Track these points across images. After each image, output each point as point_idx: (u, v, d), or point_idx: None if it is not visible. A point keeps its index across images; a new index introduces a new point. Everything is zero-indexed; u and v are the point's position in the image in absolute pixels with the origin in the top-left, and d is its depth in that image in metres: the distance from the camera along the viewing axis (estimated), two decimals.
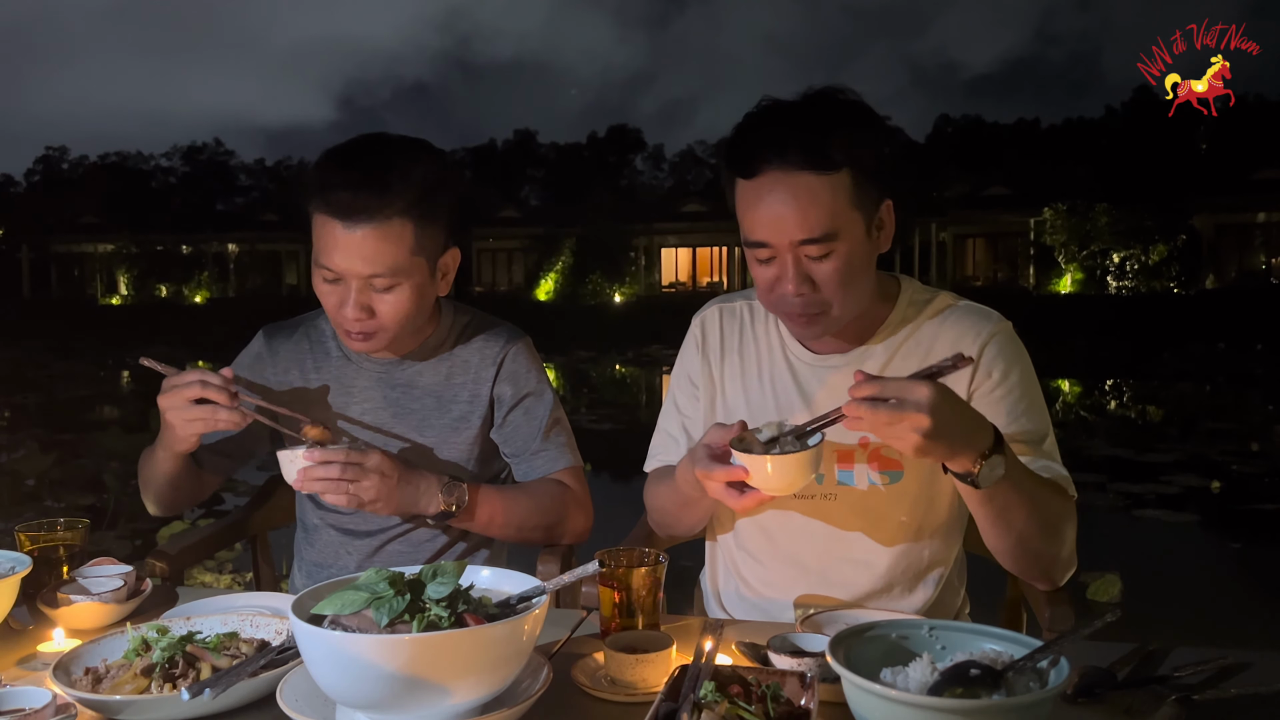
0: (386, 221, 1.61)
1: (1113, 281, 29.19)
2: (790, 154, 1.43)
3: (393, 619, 1.03)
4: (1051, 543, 1.46)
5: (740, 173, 1.49)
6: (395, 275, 1.64)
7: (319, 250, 1.66)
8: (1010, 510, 1.38)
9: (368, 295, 1.66)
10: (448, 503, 1.69)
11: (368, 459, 1.59)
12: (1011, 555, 1.48)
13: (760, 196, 1.47)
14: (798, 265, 1.47)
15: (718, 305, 1.79)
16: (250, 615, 1.32)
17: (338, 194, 1.60)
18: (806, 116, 1.48)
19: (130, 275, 39.05)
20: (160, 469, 1.76)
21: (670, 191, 52.27)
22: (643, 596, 1.33)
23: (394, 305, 1.67)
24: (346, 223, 1.60)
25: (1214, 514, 7.20)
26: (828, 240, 1.45)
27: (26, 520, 1.57)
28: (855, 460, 1.61)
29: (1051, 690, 0.96)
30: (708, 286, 36.10)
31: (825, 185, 1.44)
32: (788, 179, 1.44)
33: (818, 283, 1.48)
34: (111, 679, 1.16)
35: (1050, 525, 1.44)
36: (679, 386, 1.79)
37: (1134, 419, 12.83)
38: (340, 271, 1.64)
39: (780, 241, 1.47)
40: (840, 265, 1.47)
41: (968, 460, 1.29)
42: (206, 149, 68.28)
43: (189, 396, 1.59)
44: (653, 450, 1.81)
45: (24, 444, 9.13)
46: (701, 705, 1.00)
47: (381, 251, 1.62)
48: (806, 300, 1.49)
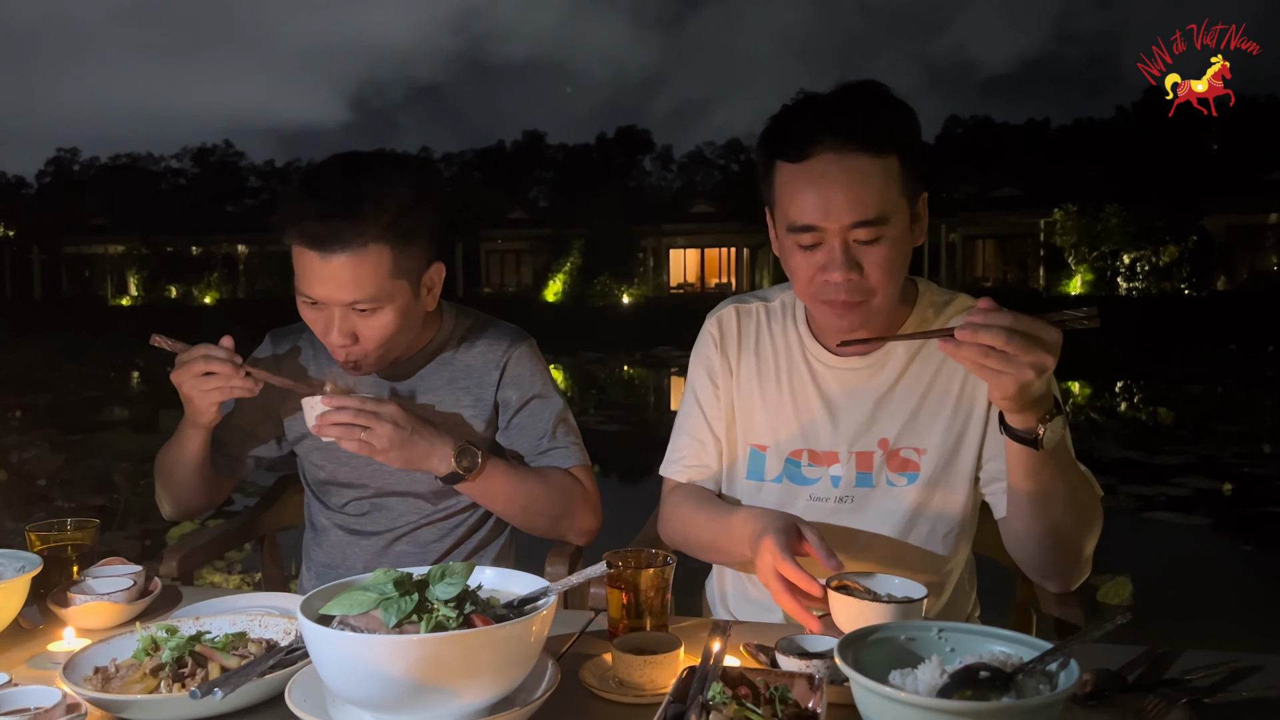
0: (363, 249, 1.59)
1: (1123, 283, 29.10)
2: (845, 135, 1.43)
3: (401, 620, 1.03)
4: (1082, 534, 1.44)
5: (789, 157, 1.48)
6: (376, 300, 1.63)
7: (299, 279, 1.66)
8: (1053, 490, 1.36)
9: (350, 321, 1.65)
10: (459, 464, 1.68)
11: (383, 407, 1.61)
12: (1040, 546, 1.45)
13: (811, 179, 1.45)
14: (846, 250, 1.46)
15: (733, 305, 1.77)
16: (259, 615, 1.32)
17: (311, 225, 1.59)
18: (856, 101, 1.48)
19: (140, 276, 39.25)
20: (183, 456, 1.77)
21: (679, 193, 52.27)
22: (651, 598, 1.33)
23: (378, 329, 1.66)
24: (323, 253, 1.59)
25: (1225, 516, 7.17)
26: (879, 224, 1.44)
27: (37, 520, 1.58)
28: (874, 463, 1.61)
29: (1061, 693, 0.95)
30: (716, 288, 36.12)
31: (878, 168, 1.44)
32: (841, 161, 1.43)
33: (865, 269, 1.47)
34: (121, 678, 1.16)
35: (1084, 515, 1.43)
36: (700, 385, 1.75)
37: (1145, 421, 12.78)
38: (320, 298, 1.64)
39: (831, 225, 1.45)
40: (888, 251, 1.47)
41: (1034, 416, 1.27)
42: (217, 150, 68.66)
43: (197, 371, 1.63)
44: (675, 454, 1.77)
45: (35, 444, 9.18)
46: (709, 707, 1.00)
47: (360, 279, 1.60)
48: (853, 286, 1.47)
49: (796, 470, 1.65)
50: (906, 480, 1.60)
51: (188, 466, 1.79)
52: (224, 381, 1.64)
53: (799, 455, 1.65)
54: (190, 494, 1.84)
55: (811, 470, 1.64)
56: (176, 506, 1.87)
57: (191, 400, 1.68)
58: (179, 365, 1.66)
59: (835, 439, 1.63)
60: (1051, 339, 1.20)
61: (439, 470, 1.69)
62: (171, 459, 1.81)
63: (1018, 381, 1.20)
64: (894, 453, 1.60)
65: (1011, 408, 1.28)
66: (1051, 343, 1.20)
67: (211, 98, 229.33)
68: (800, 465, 1.65)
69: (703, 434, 1.74)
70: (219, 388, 1.64)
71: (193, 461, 1.78)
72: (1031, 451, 1.31)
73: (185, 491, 1.84)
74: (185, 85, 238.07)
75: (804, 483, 1.65)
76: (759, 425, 1.69)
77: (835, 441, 1.63)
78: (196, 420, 1.72)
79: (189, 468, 1.79)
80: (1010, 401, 1.25)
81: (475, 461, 1.70)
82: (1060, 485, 1.37)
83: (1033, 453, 1.31)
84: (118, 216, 43.64)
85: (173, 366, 1.68)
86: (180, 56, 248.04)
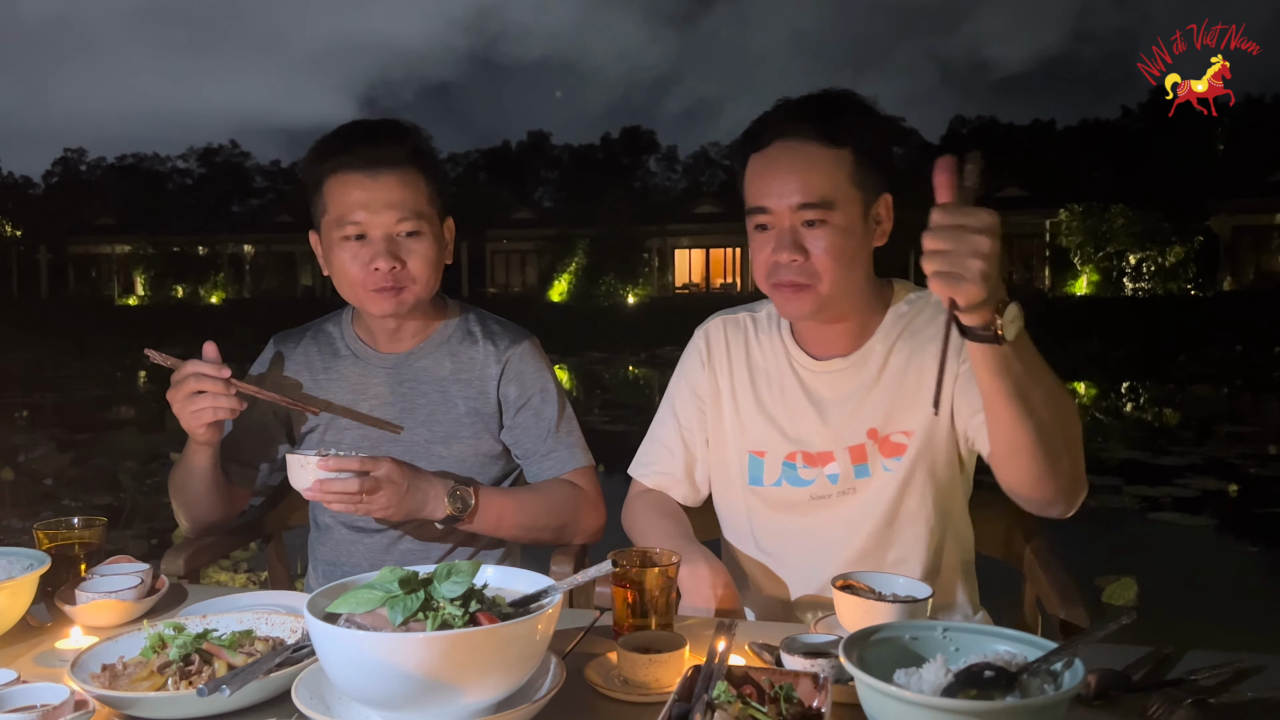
0: (405, 170, 1.75)
1: (1129, 283, 29.01)
2: (800, 126, 1.56)
3: (407, 618, 1.03)
4: (1068, 428, 1.37)
5: (753, 147, 1.61)
6: (419, 220, 1.75)
7: (342, 211, 1.74)
8: (1027, 386, 1.29)
9: (395, 247, 1.74)
10: (454, 508, 1.70)
11: (378, 468, 1.60)
12: (1030, 454, 1.37)
13: (766, 164, 1.59)
14: (793, 233, 1.56)
15: (720, 318, 1.83)
16: (265, 614, 1.32)
17: (360, 148, 1.73)
18: (820, 100, 1.61)
19: (147, 276, 39.30)
20: (193, 472, 1.76)
21: (684, 193, 52.26)
22: (656, 596, 1.33)
23: (421, 255, 1.76)
24: (370, 172, 1.72)
25: (1231, 517, 7.15)
26: (824, 207, 1.54)
27: (45, 519, 1.59)
28: (868, 453, 1.65)
29: (1066, 692, 0.95)
30: (721, 288, 36.07)
31: (828, 156, 1.56)
32: (794, 148, 1.57)
33: (811, 252, 1.55)
34: (128, 676, 1.17)
35: (1064, 408, 1.35)
36: (680, 397, 1.82)
37: (1150, 422, 12.74)
38: (367, 224, 1.72)
39: (780, 206, 1.56)
40: (833, 237, 1.55)
41: (989, 310, 1.19)
42: (223, 151, 68.78)
43: (188, 390, 1.63)
44: (644, 458, 1.84)
45: (42, 443, 9.21)
46: (714, 706, 1.00)
47: (406, 197, 1.74)
48: (798, 268, 1.56)
49: (793, 473, 1.69)
50: (898, 461, 1.64)
51: (199, 482, 1.77)
52: (212, 401, 1.62)
53: (794, 458, 1.69)
54: (205, 509, 1.82)
55: (807, 471, 1.68)
56: (194, 523, 1.85)
57: (182, 421, 1.66)
58: (172, 384, 1.64)
59: (827, 439, 1.67)
60: (982, 222, 1.14)
61: (435, 515, 1.70)
62: (182, 476, 1.79)
63: (969, 273, 1.14)
64: (884, 439, 1.64)
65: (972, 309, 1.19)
66: (983, 225, 1.14)
67: (219, 98, 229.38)
68: (796, 468, 1.69)
69: (674, 443, 1.81)
70: (209, 407, 1.63)
71: (203, 477, 1.76)
72: (996, 349, 1.23)
73: (199, 508, 1.81)
74: (193, 85, 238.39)
75: (802, 484, 1.68)
76: (755, 432, 1.72)
77: (827, 441, 1.67)
78: (195, 439, 1.71)
79: (201, 483, 1.77)
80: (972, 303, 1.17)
81: (469, 502, 1.71)
82: (1032, 380, 1.29)
83: (998, 350, 1.23)
84: (124, 216, 43.72)
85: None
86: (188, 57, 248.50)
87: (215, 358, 1.64)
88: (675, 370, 1.85)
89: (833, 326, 1.68)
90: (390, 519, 1.68)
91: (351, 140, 1.76)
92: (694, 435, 1.79)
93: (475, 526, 1.76)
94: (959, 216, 1.15)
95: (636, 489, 1.85)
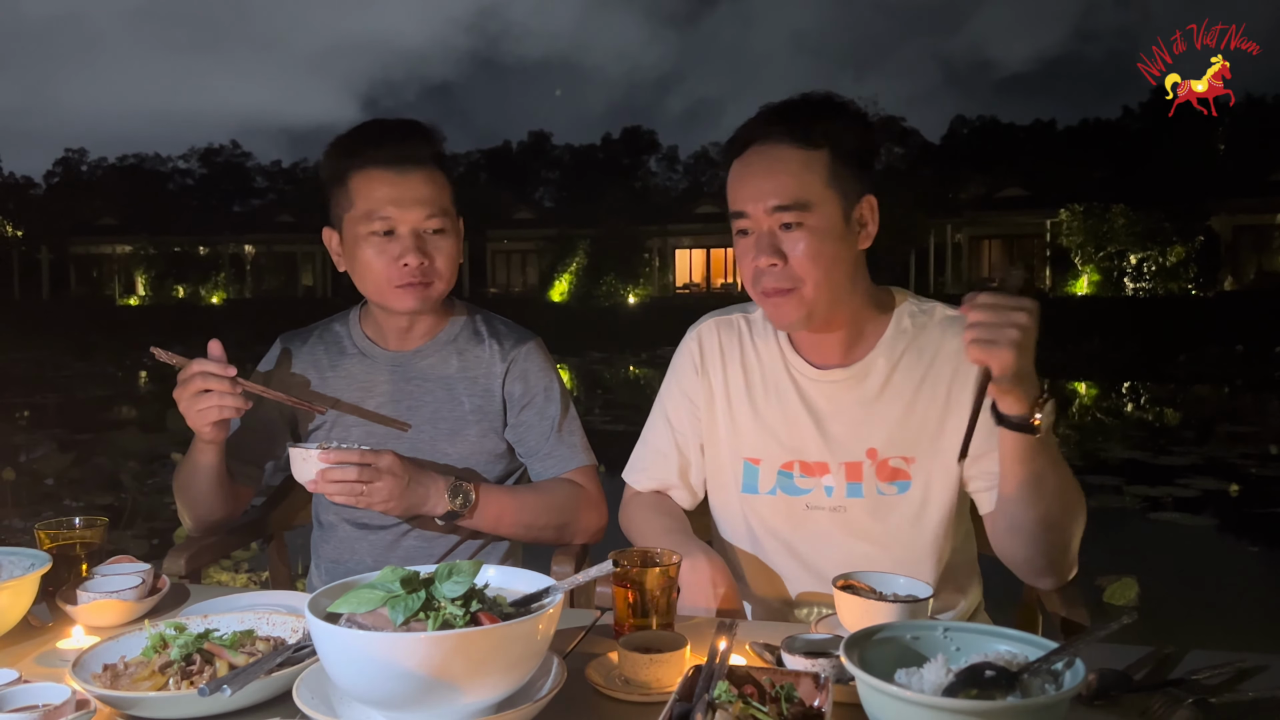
0: (431, 168, 1.79)
1: (1130, 283, 28.99)
2: (774, 129, 1.57)
3: (408, 617, 1.03)
4: (1070, 521, 1.45)
5: (733, 153, 1.62)
6: (445, 218, 1.79)
7: (371, 206, 1.75)
8: (1045, 476, 1.38)
9: (423, 242, 1.77)
10: (454, 504, 1.70)
11: (380, 460, 1.60)
12: (1031, 535, 1.45)
13: (744, 169, 1.60)
14: (771, 236, 1.55)
15: (713, 319, 1.79)
16: (267, 613, 1.32)
17: (389, 145, 1.77)
18: (798, 104, 1.60)
19: (148, 276, 39.31)
20: (198, 471, 1.76)
21: (684, 193, 52.23)
22: (656, 596, 1.33)
23: (446, 252, 1.79)
24: (399, 169, 1.76)
25: (1232, 517, 7.15)
26: (799, 209, 1.53)
27: (46, 519, 1.59)
28: (863, 473, 1.62)
29: (1067, 692, 0.95)
30: (721, 288, 36.07)
31: (802, 158, 1.55)
32: (770, 151, 1.57)
33: (790, 256, 1.54)
34: (129, 676, 1.17)
35: (1071, 504, 1.43)
36: (672, 402, 1.79)
37: (1151, 421, 12.74)
38: (396, 220, 1.75)
39: (756, 209, 1.56)
40: (811, 240, 1.54)
41: (1027, 399, 1.31)
42: (224, 151, 68.82)
43: (194, 389, 1.63)
44: (637, 464, 1.82)
45: (43, 443, 9.21)
46: (715, 705, 1.00)
47: (432, 194, 1.78)
48: (778, 273, 1.55)
49: (789, 481, 1.66)
50: (898, 489, 1.61)
51: (204, 481, 1.77)
52: (218, 400, 1.63)
53: (790, 467, 1.66)
54: (209, 508, 1.82)
55: (804, 481, 1.66)
56: (198, 522, 1.85)
57: (189, 420, 1.67)
58: (179, 383, 1.65)
59: (824, 450, 1.64)
60: (1021, 303, 1.26)
61: (436, 511, 1.71)
62: (187, 475, 1.79)
63: (1005, 342, 1.24)
64: (883, 462, 1.61)
65: (1007, 385, 1.29)
66: (1022, 305, 1.26)
67: (221, 98, 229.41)
68: (793, 476, 1.66)
69: (667, 448, 1.78)
70: (214, 406, 1.63)
71: (208, 475, 1.76)
72: (1027, 438, 1.34)
73: (204, 506, 1.82)
74: (194, 86, 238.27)
75: (798, 493, 1.66)
76: (750, 439, 1.70)
77: (824, 452, 1.64)
78: (201, 437, 1.71)
79: (205, 482, 1.77)
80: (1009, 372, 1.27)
81: (470, 498, 1.72)
82: (1050, 471, 1.39)
83: (1028, 439, 1.34)
84: (125, 217, 43.69)
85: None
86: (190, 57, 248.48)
87: (221, 356, 1.64)
88: (667, 373, 1.82)
89: (828, 334, 1.64)
90: (391, 512, 1.68)
91: (379, 137, 1.79)
92: (688, 439, 1.77)
93: (475, 523, 1.76)
94: (1001, 298, 1.27)
95: (629, 493, 1.84)
